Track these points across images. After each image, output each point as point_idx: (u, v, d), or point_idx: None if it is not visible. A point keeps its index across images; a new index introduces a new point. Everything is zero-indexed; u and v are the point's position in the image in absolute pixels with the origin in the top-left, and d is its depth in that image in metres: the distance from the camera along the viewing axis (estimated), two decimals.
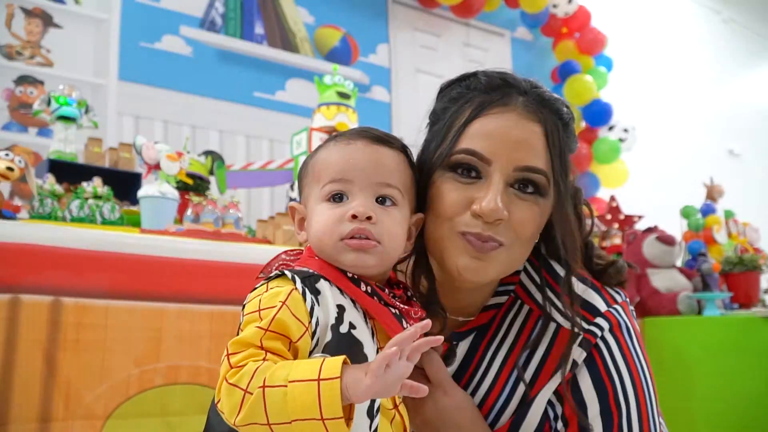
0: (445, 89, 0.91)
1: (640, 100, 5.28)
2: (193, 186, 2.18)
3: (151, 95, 3.45)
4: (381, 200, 0.77)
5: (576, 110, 4.73)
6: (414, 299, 0.81)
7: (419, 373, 0.86)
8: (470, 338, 0.92)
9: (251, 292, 0.74)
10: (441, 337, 0.65)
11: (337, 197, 0.76)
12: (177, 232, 1.79)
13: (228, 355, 0.66)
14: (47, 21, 3.28)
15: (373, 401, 0.69)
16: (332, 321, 0.70)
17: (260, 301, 0.70)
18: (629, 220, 3.20)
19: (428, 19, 4.70)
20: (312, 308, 0.69)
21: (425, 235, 0.86)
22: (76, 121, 2.18)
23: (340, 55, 4.20)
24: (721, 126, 6.24)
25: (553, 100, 0.85)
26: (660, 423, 0.88)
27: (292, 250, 0.83)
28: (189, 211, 2.04)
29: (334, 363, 0.61)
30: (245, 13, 3.90)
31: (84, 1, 3.39)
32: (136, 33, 3.48)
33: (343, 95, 2.55)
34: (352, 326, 0.71)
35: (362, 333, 0.71)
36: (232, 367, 0.64)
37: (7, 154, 1.55)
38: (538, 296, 0.89)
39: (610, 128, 4.68)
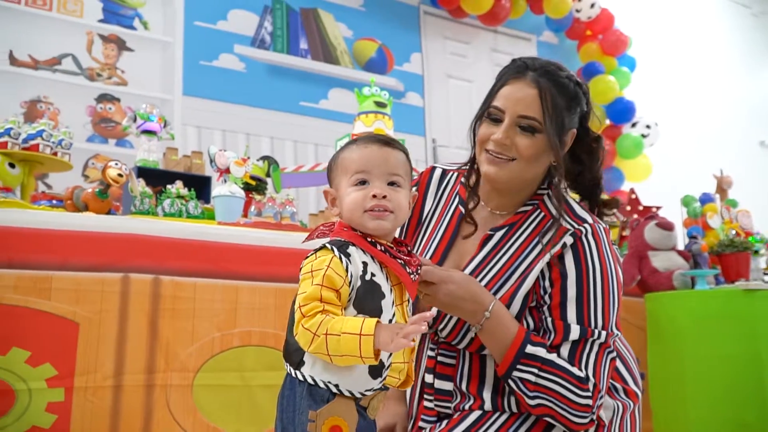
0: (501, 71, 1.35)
1: (663, 96, 5.39)
2: (254, 186, 2.51)
3: (211, 108, 3.81)
4: (391, 184, 1.09)
5: (600, 108, 4.93)
6: (413, 253, 1.16)
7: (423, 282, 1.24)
8: (503, 231, 1.33)
9: (305, 259, 1.08)
10: (428, 320, 0.98)
11: (362, 183, 1.08)
12: (246, 224, 2.09)
13: (300, 306, 0.98)
14: (121, 45, 3.68)
15: (390, 321, 1.03)
16: (360, 273, 1.02)
17: (311, 265, 1.02)
18: (648, 211, 3.40)
19: (458, 28, 4.92)
20: (347, 266, 1.01)
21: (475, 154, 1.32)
22: (157, 134, 2.57)
23: (377, 64, 4.48)
24: (751, 118, 6.27)
25: (554, 75, 1.26)
26: (616, 301, 1.25)
27: (326, 223, 1.18)
28: (253, 208, 2.36)
29: (370, 324, 0.94)
30: (291, 31, 4.22)
31: (152, 26, 3.79)
32: (196, 53, 3.84)
33: (380, 104, 2.82)
34: (372, 275, 1.03)
35: (380, 278, 1.04)
36: (304, 316, 0.97)
37: (116, 164, 1.92)
38: (552, 209, 1.29)
39: (633, 125, 4.83)
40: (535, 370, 1.18)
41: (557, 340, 1.21)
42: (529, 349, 1.19)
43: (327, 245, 1.05)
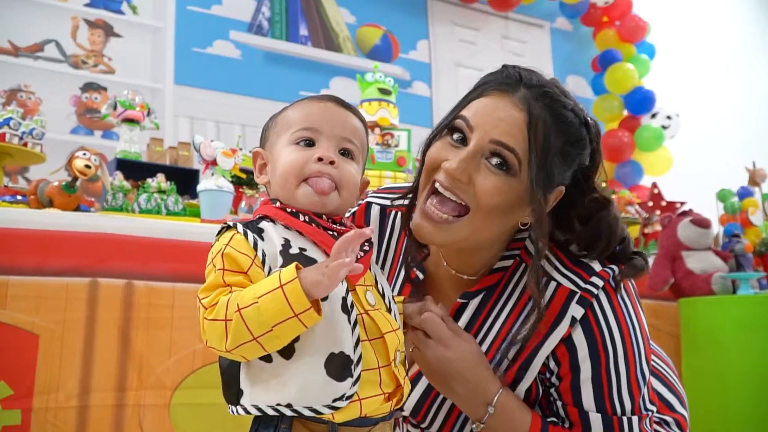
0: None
1: (685, 86, 5.23)
2: (246, 180, 2.33)
3: (204, 97, 3.71)
4: (343, 153, 0.87)
5: (618, 98, 4.75)
6: (353, 225, 0.90)
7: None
8: (479, 297, 1.02)
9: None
10: (371, 229, 0.78)
11: (306, 142, 0.86)
12: (233, 221, 1.94)
13: (200, 301, 0.76)
14: (108, 31, 3.57)
15: (344, 299, 0.79)
16: (279, 249, 0.79)
17: (211, 253, 0.81)
18: (671, 207, 3.21)
19: (467, 14, 4.81)
20: (256, 243, 0.79)
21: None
22: (140, 123, 2.40)
23: (382, 52, 4.37)
24: None
25: (557, 103, 0.94)
26: (645, 370, 0.97)
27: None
28: (243, 203, 2.21)
29: (289, 269, 0.73)
30: (290, 16, 4.13)
31: (141, 11, 3.68)
32: (189, 39, 3.75)
33: (384, 91, 2.68)
34: (302, 249, 0.80)
35: (314, 253, 0.81)
36: (206, 308, 0.75)
37: (84, 154, 1.74)
38: (534, 280, 0.96)
39: (653, 116, 4.66)
40: None
41: None
42: None
43: (229, 224, 0.82)
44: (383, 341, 0.82)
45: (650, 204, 3.26)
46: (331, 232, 0.83)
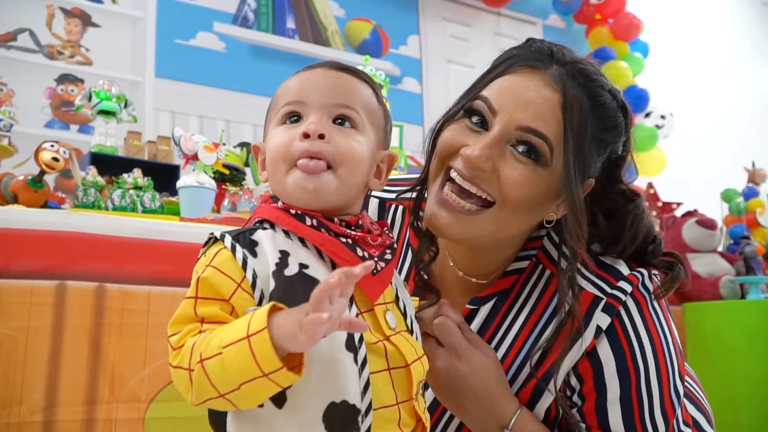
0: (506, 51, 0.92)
1: (678, 85, 5.22)
2: (229, 177, 2.25)
3: (187, 91, 3.59)
4: (340, 122, 0.71)
5: None
6: (385, 233, 0.76)
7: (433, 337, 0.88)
8: (491, 303, 0.93)
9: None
10: (365, 267, 0.58)
11: (293, 119, 0.72)
12: (215, 220, 1.84)
13: (168, 338, 0.63)
14: (86, 20, 3.43)
15: (351, 335, 0.65)
16: (273, 268, 0.65)
17: (194, 271, 0.67)
18: (668, 208, 3.16)
19: (458, 10, 4.74)
20: (245, 261, 0.65)
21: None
22: (116, 115, 2.27)
23: (371, 47, 4.28)
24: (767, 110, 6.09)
25: (594, 83, 0.84)
26: (680, 387, 0.88)
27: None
28: (226, 201, 2.12)
29: (260, 314, 0.58)
30: (277, 9, 4.03)
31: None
32: (171, 30, 3.62)
33: None
34: (303, 266, 0.66)
35: (317, 270, 0.66)
36: (174, 349, 0.62)
37: (52, 146, 1.64)
38: (563, 288, 0.87)
39: (647, 115, 4.64)
40: None
41: None
42: None
43: (216, 235, 0.69)
44: (407, 372, 0.69)
45: (646, 204, 3.21)
46: (344, 239, 0.68)
